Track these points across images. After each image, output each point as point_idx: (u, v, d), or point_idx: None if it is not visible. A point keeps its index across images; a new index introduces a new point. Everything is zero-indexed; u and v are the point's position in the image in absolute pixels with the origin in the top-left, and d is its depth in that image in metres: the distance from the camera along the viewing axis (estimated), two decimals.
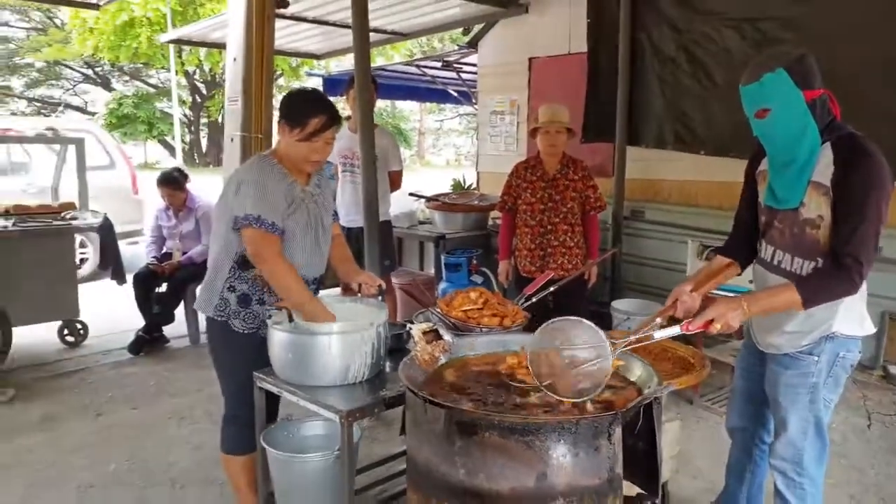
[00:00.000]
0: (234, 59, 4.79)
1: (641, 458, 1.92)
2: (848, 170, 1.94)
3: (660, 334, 1.98)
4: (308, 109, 2.41)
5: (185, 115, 26.51)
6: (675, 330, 1.96)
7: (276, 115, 2.54)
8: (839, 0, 4.11)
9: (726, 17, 4.65)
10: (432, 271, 6.31)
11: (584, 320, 1.90)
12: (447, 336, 2.26)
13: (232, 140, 4.89)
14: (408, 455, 1.98)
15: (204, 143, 28.85)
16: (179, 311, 5.31)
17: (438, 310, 2.58)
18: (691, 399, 4.04)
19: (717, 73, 4.75)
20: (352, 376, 2.30)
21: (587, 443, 1.73)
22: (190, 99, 26.73)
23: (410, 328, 2.29)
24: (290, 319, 2.28)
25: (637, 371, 2.05)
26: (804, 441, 2.17)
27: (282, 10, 4.99)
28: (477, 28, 6.73)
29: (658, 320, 2.10)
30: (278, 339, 2.31)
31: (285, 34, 6.79)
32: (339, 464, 2.32)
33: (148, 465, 3.40)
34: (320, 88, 7.53)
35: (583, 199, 3.86)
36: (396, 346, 2.60)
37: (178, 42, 8.15)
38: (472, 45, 6.75)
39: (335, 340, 2.25)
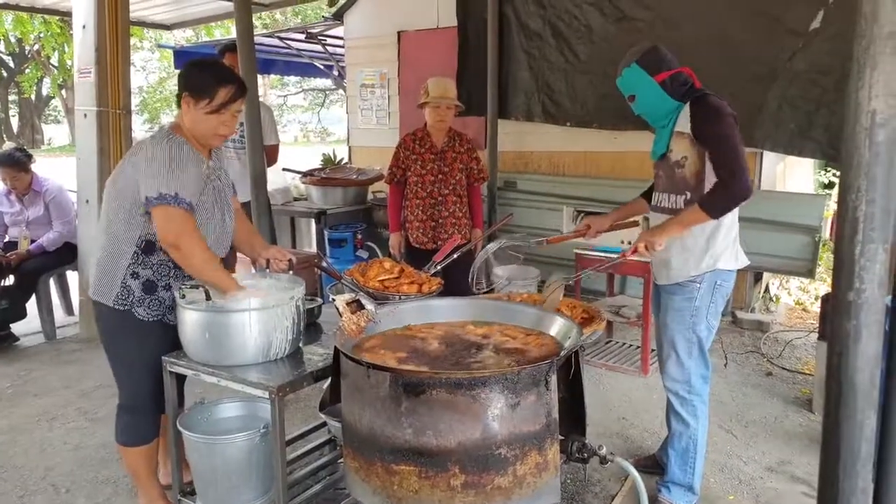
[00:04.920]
0: (84, 27, 4.36)
1: (567, 404, 2.08)
2: (704, 120, 2.42)
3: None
4: (215, 80, 2.30)
5: None
6: (615, 257, 2.75)
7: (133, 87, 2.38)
8: None
9: None
10: (307, 248, 6.19)
11: None
12: (370, 305, 2.28)
13: (85, 116, 4.49)
14: (345, 424, 1.98)
15: (14, 122, 25.88)
16: (31, 306, 4.81)
17: (353, 281, 2.57)
18: None
19: (579, 49, 5.05)
20: (273, 353, 2.26)
21: (527, 391, 1.84)
22: None
23: (333, 299, 2.29)
24: (208, 298, 2.18)
25: (557, 325, 2.21)
26: (690, 360, 2.54)
27: None
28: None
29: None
30: (193, 319, 2.20)
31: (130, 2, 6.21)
32: (264, 442, 2.27)
33: (22, 472, 3.09)
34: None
35: (468, 171, 3.98)
36: (308, 320, 2.58)
37: (4, 7, 7.16)
38: (338, 16, 6.60)
39: (255, 317, 2.19)
